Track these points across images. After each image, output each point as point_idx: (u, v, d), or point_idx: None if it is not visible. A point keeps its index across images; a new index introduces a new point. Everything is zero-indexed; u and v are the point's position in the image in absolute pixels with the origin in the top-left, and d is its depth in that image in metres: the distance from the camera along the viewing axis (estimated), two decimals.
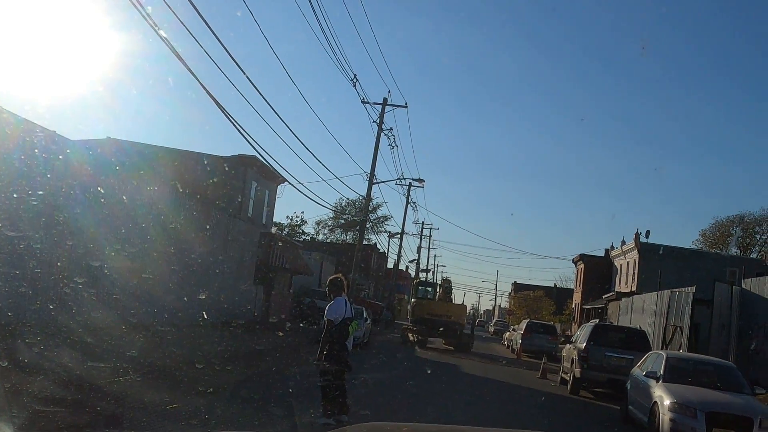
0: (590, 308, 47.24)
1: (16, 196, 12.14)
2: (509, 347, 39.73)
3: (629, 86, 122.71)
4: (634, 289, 40.88)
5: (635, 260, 45.46)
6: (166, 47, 11.89)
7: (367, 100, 30.77)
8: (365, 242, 48.80)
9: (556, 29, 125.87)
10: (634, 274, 45.05)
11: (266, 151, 33.75)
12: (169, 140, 54.13)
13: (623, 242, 49.75)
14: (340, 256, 49.25)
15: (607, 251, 54.47)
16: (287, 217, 56.36)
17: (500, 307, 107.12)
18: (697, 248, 52.90)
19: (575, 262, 59.80)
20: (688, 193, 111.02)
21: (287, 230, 52.90)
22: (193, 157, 26.38)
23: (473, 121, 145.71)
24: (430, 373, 19.05)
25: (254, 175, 29.35)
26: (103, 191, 14.75)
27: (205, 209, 21.80)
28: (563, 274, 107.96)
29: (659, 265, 35.22)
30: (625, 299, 33.79)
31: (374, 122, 31.40)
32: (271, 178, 30.72)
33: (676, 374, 11.83)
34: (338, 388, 9.02)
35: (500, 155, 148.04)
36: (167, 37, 11.80)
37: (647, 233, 45.05)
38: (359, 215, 39.76)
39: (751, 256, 50.88)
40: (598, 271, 53.38)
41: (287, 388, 11.79)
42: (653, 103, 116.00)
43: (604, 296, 43.88)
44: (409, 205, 48.76)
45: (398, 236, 52.70)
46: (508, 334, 47.23)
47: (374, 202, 48.81)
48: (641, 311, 28.33)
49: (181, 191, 19.84)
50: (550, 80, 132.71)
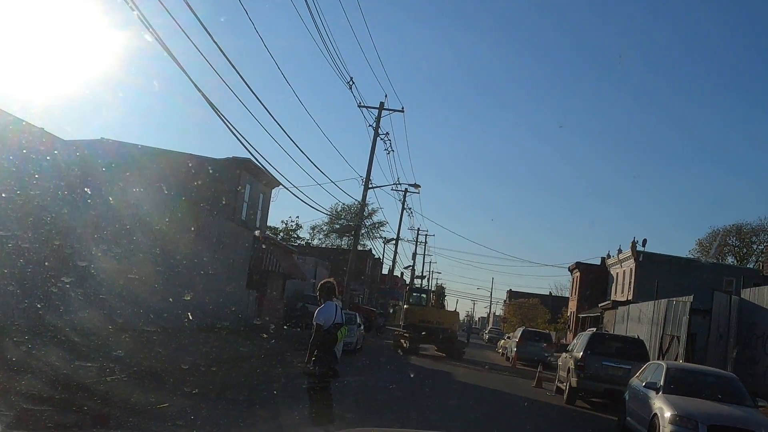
0: (586, 316, 46.96)
1: (4, 195, 12.00)
2: (504, 355, 39.38)
3: (628, 95, 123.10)
4: (630, 297, 40.65)
5: (632, 269, 45.23)
6: (162, 48, 11.86)
7: (363, 104, 30.53)
8: (360, 248, 48.47)
9: (554, 36, 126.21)
10: (630, 282, 44.82)
11: (261, 153, 33.50)
12: (165, 142, 53.90)
13: (619, 250, 49.55)
14: (335, 261, 48.89)
15: (603, 259, 54.28)
16: (282, 221, 56.03)
17: (495, 314, 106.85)
18: (693, 257, 52.73)
19: (571, 270, 59.57)
20: (684, 202, 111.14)
21: (282, 235, 52.49)
22: (185, 158, 26.02)
23: (470, 127, 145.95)
24: (422, 380, 18.70)
25: (248, 177, 29.00)
26: (89, 191, 14.52)
27: (195, 211, 21.44)
28: (558, 282, 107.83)
29: (656, 273, 34.94)
30: (621, 308, 33.52)
31: (370, 126, 31.15)
32: (265, 181, 30.38)
33: (676, 385, 11.50)
34: (325, 395, 8.69)
35: (497, 162, 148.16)
36: (162, 37, 11.77)
37: (644, 242, 44.90)
38: (354, 220, 39.45)
39: (747, 265, 50.70)
40: (594, 279, 53.15)
41: (272, 390, 11.72)
42: (651, 111, 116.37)
43: (599, 305, 43.62)
44: (404, 210, 48.55)
45: (393, 242, 52.42)
46: (502, 341, 46.85)
47: (370, 207, 48.59)
48: (637, 320, 28.05)
49: (171, 192, 19.51)
50: (548, 88, 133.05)
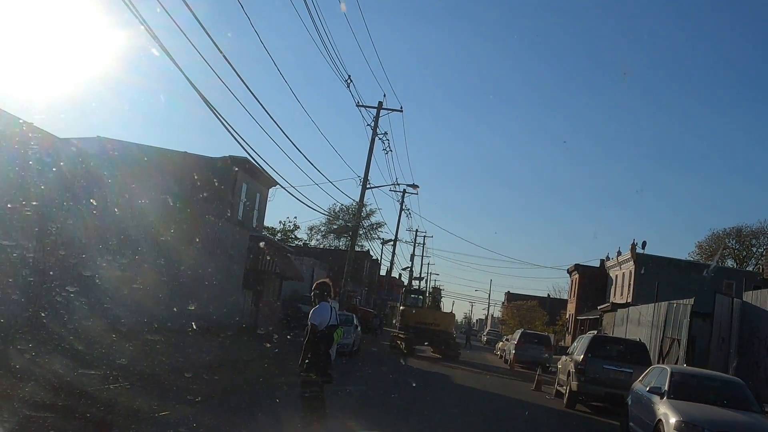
0: (584, 319, 46.73)
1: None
2: (502, 357, 39.13)
3: (628, 95, 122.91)
4: (629, 300, 40.42)
5: (631, 271, 45.01)
6: (157, 44, 11.83)
7: (362, 103, 30.24)
8: (358, 249, 48.18)
9: (556, 34, 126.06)
10: (629, 285, 44.60)
11: (258, 152, 33.18)
12: (161, 141, 53.60)
13: (619, 253, 49.34)
14: (332, 262, 48.60)
15: (602, 261, 54.06)
16: (280, 222, 55.73)
17: (493, 316, 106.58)
18: (693, 260, 52.52)
19: (570, 272, 59.35)
20: (684, 204, 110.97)
21: (280, 235, 52.19)
22: (181, 156, 25.74)
23: (468, 128, 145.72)
24: (420, 383, 18.42)
25: (245, 177, 28.71)
26: (87, 191, 14.33)
27: (191, 210, 21.11)
28: (556, 284, 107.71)
29: (655, 276, 34.70)
30: (620, 310, 33.25)
31: (368, 125, 30.84)
32: (262, 180, 30.09)
33: (681, 390, 11.20)
34: (317, 400, 8.41)
35: (495, 163, 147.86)
36: (157, 35, 11.76)
37: (643, 244, 44.74)
38: (352, 221, 39.19)
39: (747, 268, 50.49)
40: (592, 281, 52.95)
41: (275, 398, 11.61)
42: (652, 113, 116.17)
43: (599, 307, 43.38)
44: (403, 211, 48.27)
45: (391, 243, 52.13)
46: (501, 344, 46.62)
47: (368, 208, 48.31)
48: (637, 323, 27.80)
49: (166, 191, 19.20)
50: (549, 87, 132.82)
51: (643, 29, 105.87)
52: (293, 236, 56.10)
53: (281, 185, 26.59)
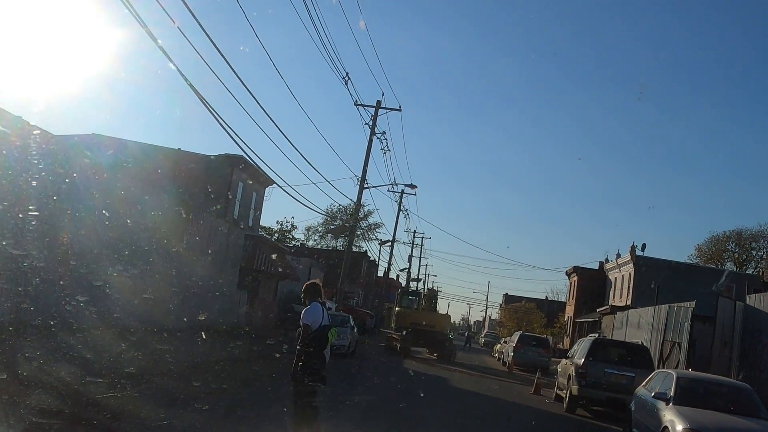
0: (583, 322, 46.42)
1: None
2: (500, 360, 38.82)
3: (629, 96, 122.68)
4: (628, 303, 40.13)
5: (630, 273, 44.70)
6: (152, 40, 11.68)
7: (360, 102, 29.92)
8: (356, 249, 47.77)
9: (556, 34, 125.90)
10: (629, 287, 44.27)
11: (254, 151, 32.81)
12: (158, 138, 53.12)
13: (618, 255, 49.03)
14: (329, 262, 48.22)
15: (601, 264, 53.75)
16: (277, 221, 55.28)
17: (491, 318, 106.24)
18: (692, 263, 52.23)
19: (569, 274, 59.04)
20: (684, 206, 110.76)
21: (277, 235, 51.76)
22: (176, 154, 25.36)
23: (467, 129, 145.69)
24: (416, 385, 18.08)
25: (241, 175, 28.35)
26: (74, 186, 14.10)
27: (185, 207, 20.75)
28: (554, 286, 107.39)
29: (655, 278, 34.37)
30: (620, 313, 32.95)
31: (366, 124, 30.51)
32: (259, 179, 29.73)
33: (688, 396, 10.82)
34: (310, 408, 8.06)
35: (495, 164, 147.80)
36: (153, 32, 11.62)
37: (643, 246, 44.42)
38: (350, 221, 38.78)
39: (747, 271, 50.19)
40: (591, 283, 52.62)
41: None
42: (652, 115, 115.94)
43: (597, 310, 43.07)
44: (401, 212, 47.90)
45: (389, 244, 51.75)
46: (499, 346, 46.36)
47: (366, 208, 47.87)
48: (637, 326, 27.50)
49: (160, 189, 18.85)
50: (548, 87, 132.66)
51: (642, 29, 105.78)
52: (290, 236, 55.69)
53: (278, 184, 26.24)
